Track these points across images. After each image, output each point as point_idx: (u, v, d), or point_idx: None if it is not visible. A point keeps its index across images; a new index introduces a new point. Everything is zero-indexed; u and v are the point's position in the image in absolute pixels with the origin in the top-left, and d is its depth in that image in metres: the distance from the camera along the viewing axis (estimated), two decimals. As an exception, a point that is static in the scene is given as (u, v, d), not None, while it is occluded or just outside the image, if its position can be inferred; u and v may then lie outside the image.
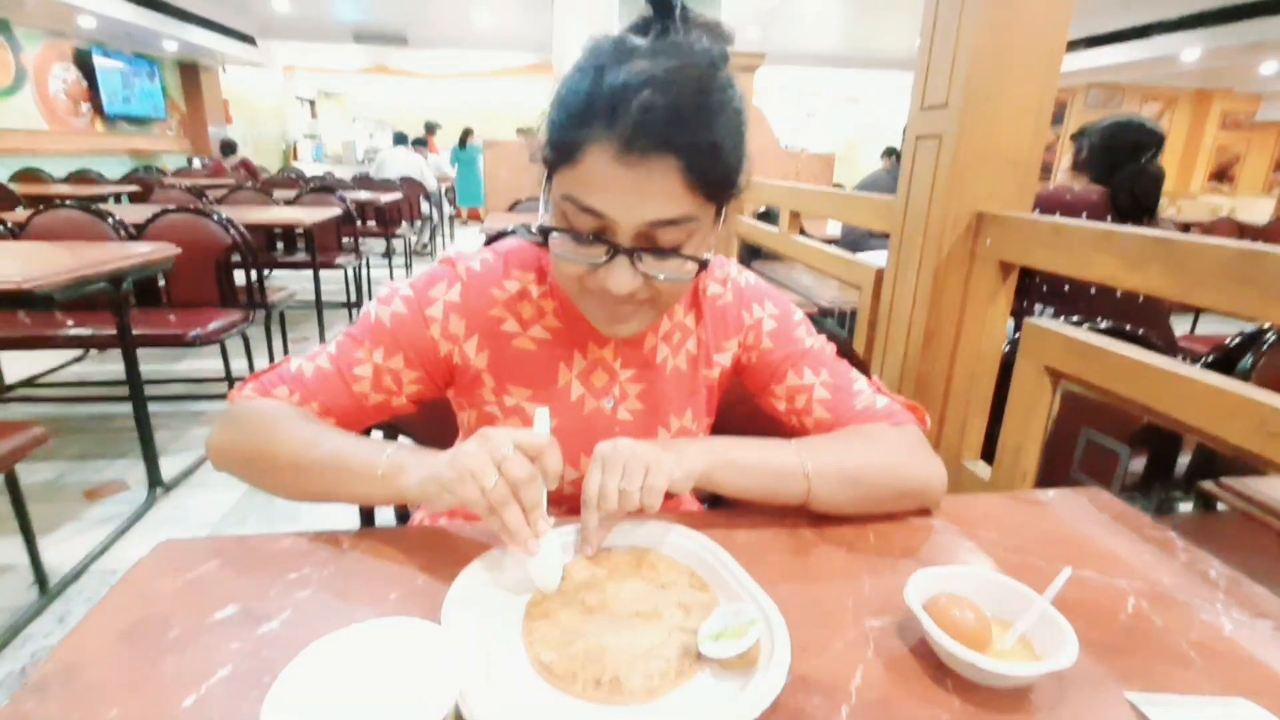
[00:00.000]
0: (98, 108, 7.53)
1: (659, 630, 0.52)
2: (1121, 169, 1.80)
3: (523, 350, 0.73)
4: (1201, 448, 1.39)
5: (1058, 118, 9.33)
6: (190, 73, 9.24)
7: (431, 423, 0.90)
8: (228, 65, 9.77)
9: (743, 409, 0.86)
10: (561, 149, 0.57)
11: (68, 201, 2.63)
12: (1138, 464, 1.24)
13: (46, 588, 1.64)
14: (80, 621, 0.51)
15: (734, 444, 0.68)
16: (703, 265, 0.61)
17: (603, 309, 0.64)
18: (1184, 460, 1.31)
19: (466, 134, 9.07)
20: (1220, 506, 1.05)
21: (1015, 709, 0.48)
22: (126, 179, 6.16)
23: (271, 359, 3.14)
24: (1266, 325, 1.43)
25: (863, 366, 0.91)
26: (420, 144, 7.76)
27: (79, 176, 5.92)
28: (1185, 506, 1.34)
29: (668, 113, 0.53)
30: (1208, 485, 0.98)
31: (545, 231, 0.61)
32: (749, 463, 0.67)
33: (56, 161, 6.40)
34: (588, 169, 0.56)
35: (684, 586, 0.58)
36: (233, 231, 2.63)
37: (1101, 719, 0.47)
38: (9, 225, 2.47)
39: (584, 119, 0.55)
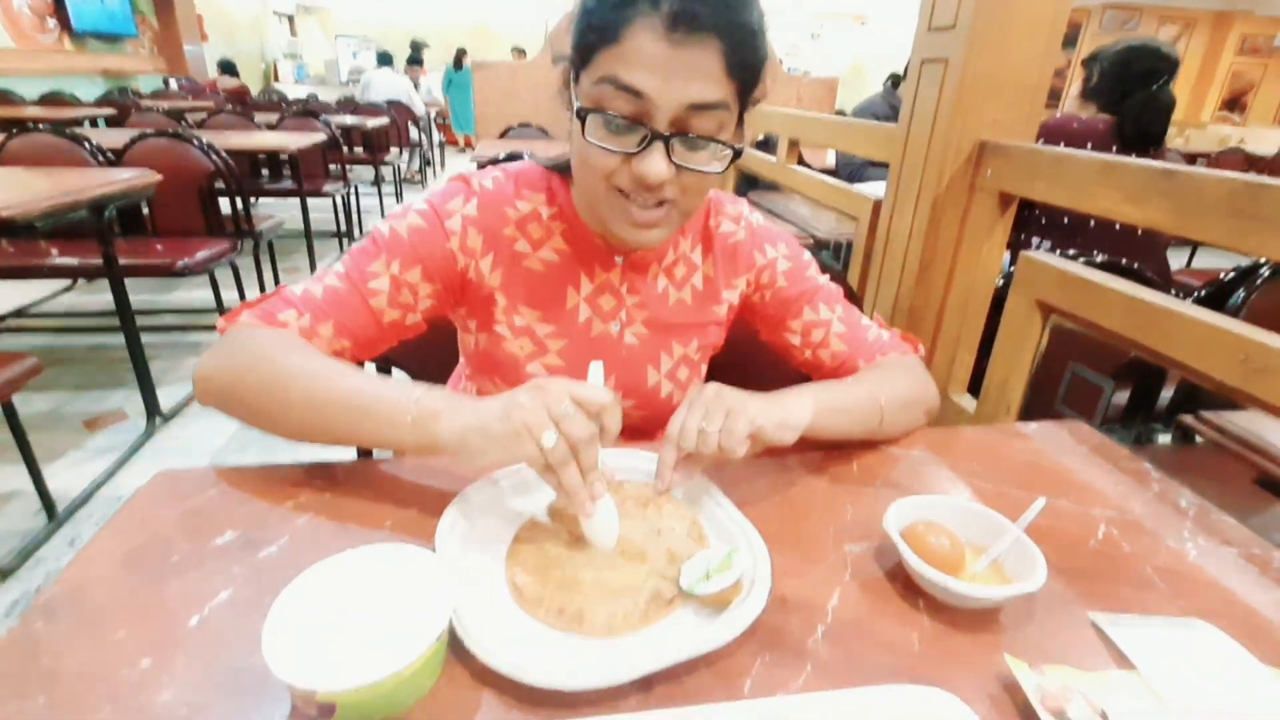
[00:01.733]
0: (65, 23, 7.13)
1: (638, 573, 0.53)
2: (1132, 96, 1.74)
3: (532, 271, 0.73)
4: (1184, 383, 1.41)
5: (1070, 40, 8.95)
6: (160, -15, 8.71)
7: (423, 348, 0.90)
8: (200, -24, 9.20)
9: (743, 346, 0.86)
10: (602, 29, 0.56)
11: (42, 125, 2.53)
12: (1121, 398, 1.26)
13: (55, 513, 1.68)
14: (83, 548, 0.53)
15: (821, 389, 0.69)
16: (736, 155, 0.61)
17: (627, 212, 0.63)
18: (1167, 395, 1.33)
19: (461, 54, 8.62)
20: (1198, 439, 1.08)
21: (983, 629, 0.50)
22: (101, 101, 5.91)
23: (263, 289, 3.10)
24: (1261, 260, 1.43)
25: (857, 299, 0.91)
26: (416, 63, 7.38)
27: (51, 99, 5.67)
28: (1165, 439, 1.37)
29: None
30: (1186, 419, 1.00)
31: (581, 114, 0.59)
32: (842, 405, 0.69)
33: (27, 83, 6.11)
34: (631, 47, 0.55)
35: (681, 534, 0.58)
36: (215, 157, 2.55)
37: (1065, 638, 0.50)
38: (-18, 150, 2.39)
39: None
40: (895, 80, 4.44)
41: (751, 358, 0.87)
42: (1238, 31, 9.37)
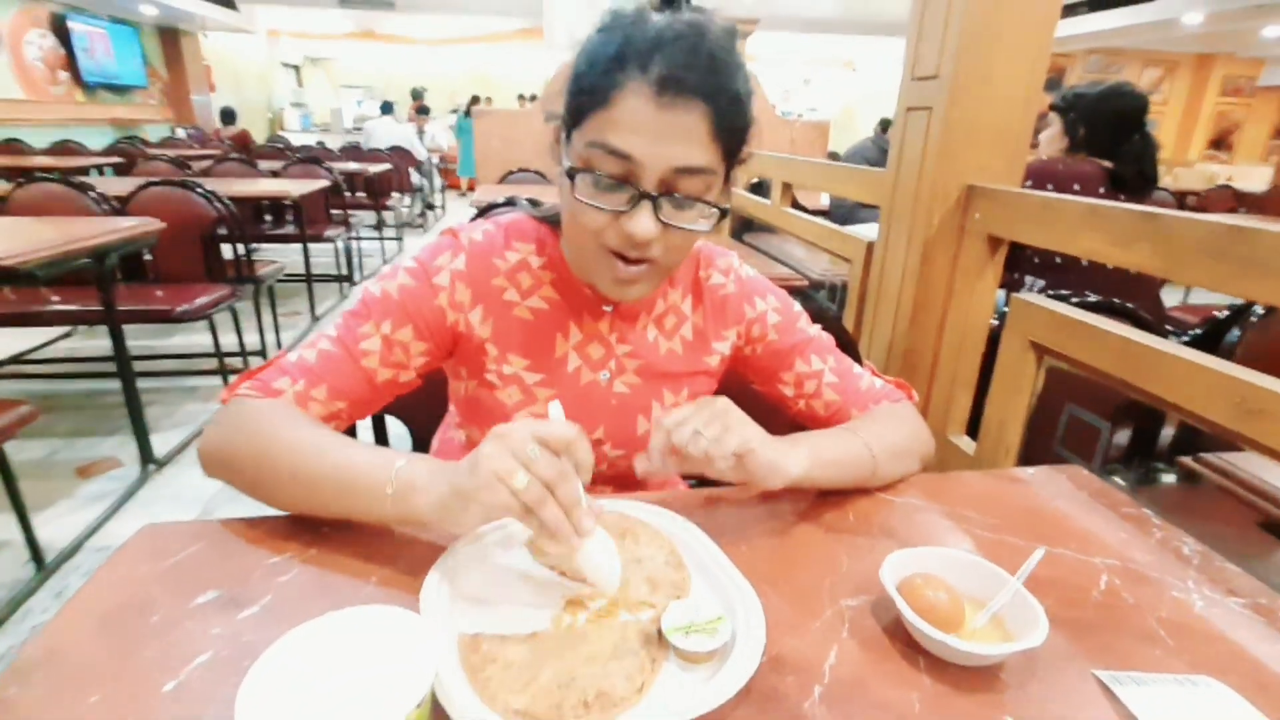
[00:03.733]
0: (76, 75, 7.33)
1: (614, 624, 0.52)
2: (1128, 140, 1.78)
3: (522, 319, 0.73)
4: (1184, 423, 1.40)
5: (1056, 84, 9.19)
6: (171, 38, 8.99)
7: (415, 397, 0.89)
8: (209, 30, 9.51)
9: (736, 395, 0.85)
10: (593, 93, 0.58)
11: (48, 175, 2.58)
12: (1121, 438, 1.26)
13: (43, 564, 1.65)
14: (62, 608, 0.51)
15: (816, 442, 0.70)
16: (722, 215, 0.62)
17: (613, 269, 0.64)
18: (1167, 433, 1.32)
19: (474, 101, 8.87)
20: (1199, 481, 1.06)
21: (985, 687, 0.49)
22: (109, 150, 6.04)
23: (261, 334, 3.12)
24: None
25: (852, 341, 0.91)
26: (424, 112, 7.55)
27: (60, 147, 5.79)
28: (1168, 479, 1.35)
29: (703, 59, 0.56)
30: (1187, 460, 0.99)
31: (571, 173, 0.61)
32: (836, 457, 0.70)
33: (37, 132, 6.26)
34: (620, 111, 0.57)
35: (660, 563, 0.59)
36: (218, 204, 2.59)
37: (1070, 696, 0.49)
38: (-11, 199, 2.43)
39: (619, 63, 0.57)
40: (885, 125, 4.55)
41: (744, 407, 0.87)
42: (1219, 73, 9.63)
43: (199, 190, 2.59)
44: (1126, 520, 0.72)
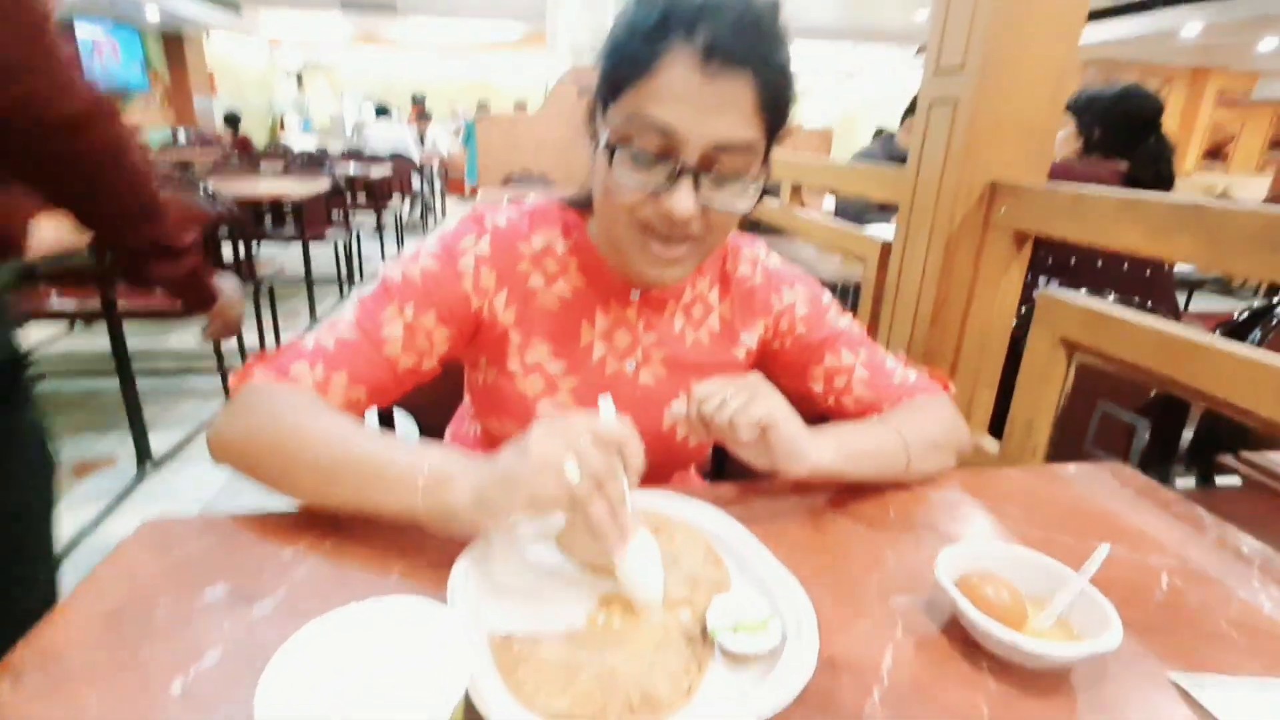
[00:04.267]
0: (78, 78, 7.32)
1: (652, 624, 0.48)
2: (1144, 141, 1.76)
3: (546, 307, 0.70)
4: (1205, 420, 1.37)
5: (1056, 94, 9.22)
6: (174, 43, 9.00)
7: (428, 387, 0.86)
8: (212, 34, 9.52)
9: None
10: (634, 62, 0.55)
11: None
12: (1156, 435, 1.22)
13: (35, 565, 1.61)
14: (59, 605, 0.48)
15: (845, 434, 0.67)
16: (758, 190, 0.60)
17: (649, 248, 0.61)
18: (1199, 432, 1.29)
19: (483, 106, 8.88)
20: (1226, 479, 1.03)
21: (1054, 691, 0.45)
22: (109, 151, 6.00)
23: (261, 334, 3.08)
24: (1275, 301, 1.41)
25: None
26: (425, 117, 7.52)
27: (60, 148, 5.76)
28: (1212, 478, 1.32)
29: (751, 27, 0.54)
30: (1226, 459, 0.96)
31: (610, 149, 0.57)
32: (866, 450, 0.67)
33: (36, 133, 6.22)
34: (664, 81, 0.54)
35: (699, 560, 0.55)
36: (219, 205, 2.56)
37: (1146, 701, 0.45)
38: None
39: (662, 29, 0.54)
40: (881, 133, 4.56)
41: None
42: (1215, 85, 9.70)
43: (200, 191, 2.56)
44: (1179, 519, 0.69)
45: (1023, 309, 1.43)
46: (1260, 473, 0.91)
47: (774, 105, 0.56)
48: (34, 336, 3.02)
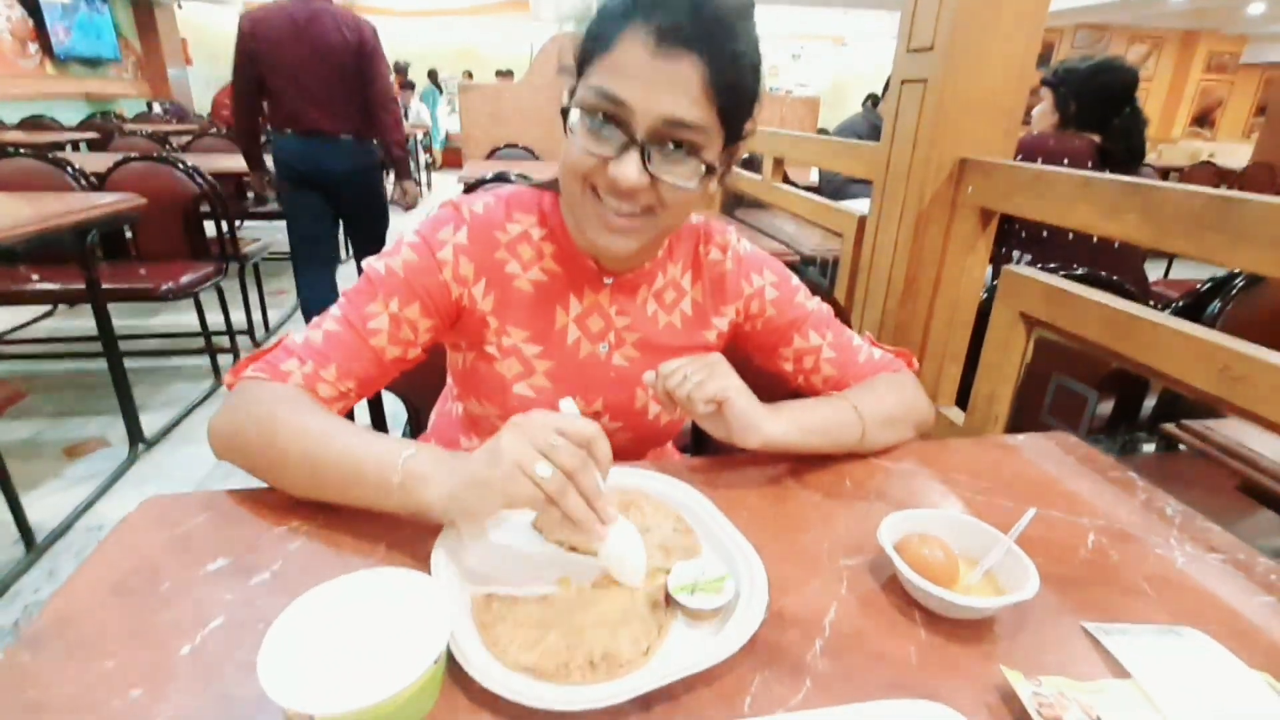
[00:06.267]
0: (46, 47, 7.11)
1: (622, 591, 0.52)
2: (1119, 115, 1.79)
3: (522, 291, 0.74)
4: (1166, 391, 1.43)
5: (1045, 59, 9.17)
6: (144, 10, 8.71)
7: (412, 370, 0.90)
8: (184, 2, 9.23)
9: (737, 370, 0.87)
10: (598, 39, 0.60)
11: (22, 150, 2.51)
12: (1105, 407, 1.28)
13: (33, 544, 1.65)
14: (70, 576, 0.52)
15: (800, 411, 0.72)
16: (709, 171, 0.63)
17: (600, 214, 0.64)
18: (1150, 404, 1.35)
19: (467, 77, 8.69)
20: (1181, 447, 1.10)
21: (979, 639, 0.51)
22: (84, 125, 5.88)
23: (248, 312, 3.08)
24: (1236, 271, 1.46)
25: (844, 315, 0.92)
26: (407, 87, 7.34)
27: (32, 122, 5.63)
28: (1149, 447, 1.39)
29: (707, 13, 0.57)
30: (1169, 427, 1.02)
31: (565, 112, 0.63)
32: (819, 426, 0.72)
33: (7, 107, 6.08)
34: (619, 57, 0.59)
35: (669, 530, 0.60)
36: (199, 180, 2.54)
37: (1060, 647, 0.51)
38: (-38, 175, 2.37)
39: (626, 10, 0.58)
40: (874, 100, 4.53)
41: (745, 380, 0.88)
42: (1204, 49, 9.67)
43: (180, 166, 2.54)
44: (1112, 483, 0.74)
45: (994, 283, 1.48)
46: (1198, 439, 0.97)
47: (725, 90, 0.59)
48: (16, 318, 3.01)
